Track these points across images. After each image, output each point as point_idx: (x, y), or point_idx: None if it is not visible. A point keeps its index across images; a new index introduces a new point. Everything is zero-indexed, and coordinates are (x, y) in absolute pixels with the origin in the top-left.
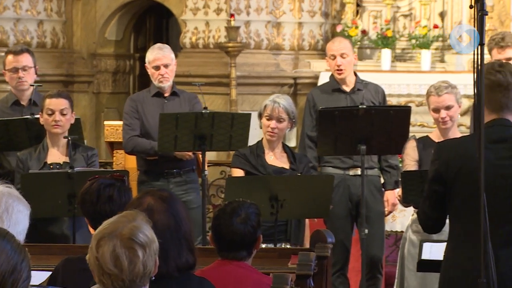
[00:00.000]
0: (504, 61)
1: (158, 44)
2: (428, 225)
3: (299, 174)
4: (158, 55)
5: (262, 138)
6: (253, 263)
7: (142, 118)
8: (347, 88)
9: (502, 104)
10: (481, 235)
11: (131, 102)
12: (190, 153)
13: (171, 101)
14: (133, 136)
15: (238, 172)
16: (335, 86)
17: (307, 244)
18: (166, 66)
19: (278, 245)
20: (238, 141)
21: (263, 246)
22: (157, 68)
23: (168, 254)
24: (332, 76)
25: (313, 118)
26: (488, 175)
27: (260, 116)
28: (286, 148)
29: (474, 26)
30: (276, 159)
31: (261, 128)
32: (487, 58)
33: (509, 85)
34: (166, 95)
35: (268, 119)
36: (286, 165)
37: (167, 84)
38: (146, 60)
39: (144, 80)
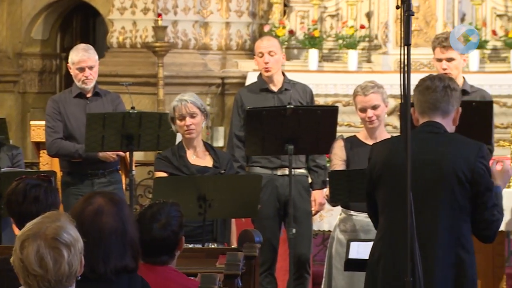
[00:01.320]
0: (445, 61)
1: (82, 45)
2: (373, 222)
3: (223, 172)
4: (84, 57)
5: (182, 140)
6: (180, 264)
7: (64, 120)
8: (274, 88)
9: (431, 104)
10: (408, 234)
11: (53, 104)
12: (114, 156)
13: (93, 102)
14: (56, 139)
15: (161, 175)
16: (263, 85)
17: (234, 242)
18: (90, 68)
19: (205, 245)
20: (166, 141)
21: (191, 246)
22: (81, 69)
23: (109, 257)
24: (260, 76)
25: (241, 117)
26: (413, 175)
27: (172, 120)
28: (207, 146)
29: (401, 27)
30: (198, 158)
31: (177, 132)
32: (413, 58)
33: (436, 87)
34: (88, 95)
35: (181, 119)
36: (209, 164)
37: (90, 86)
38: (70, 60)
39: (70, 79)
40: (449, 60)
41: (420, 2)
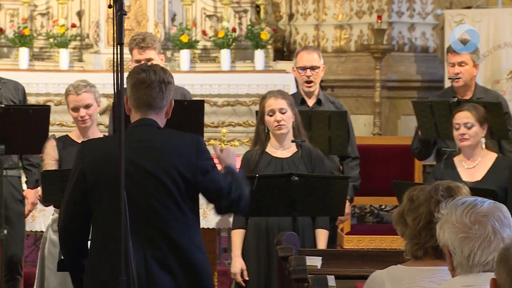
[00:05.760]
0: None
1: None
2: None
3: None
4: None
5: None
6: None
7: None
8: None
9: (145, 102)
10: (122, 234)
11: None
12: None
13: None
14: None
15: None
16: None
17: None
18: None
19: None
20: None
21: None
22: None
23: None
24: None
25: None
26: (131, 175)
27: None
28: None
29: (113, 26)
30: None
31: None
32: (126, 57)
33: (152, 83)
34: None
35: None
36: None
37: None
38: None
39: None
40: (149, 60)
41: (131, 1)
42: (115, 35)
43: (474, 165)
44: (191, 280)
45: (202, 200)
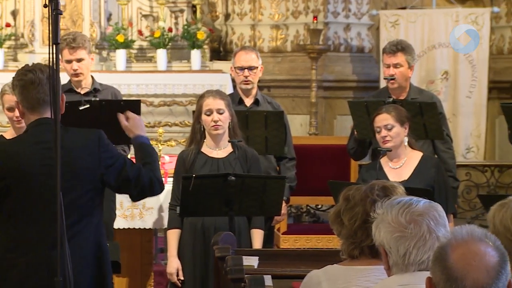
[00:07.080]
0: (75, 62)
1: None
2: None
3: None
4: None
5: None
6: None
7: None
8: None
9: (39, 99)
10: (58, 234)
11: None
12: None
13: None
14: None
15: None
16: None
17: None
18: None
19: None
20: None
21: None
22: None
23: None
24: None
25: None
26: (36, 175)
27: None
28: None
29: (49, 25)
30: None
31: None
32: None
33: (41, 81)
34: None
35: None
36: None
37: None
38: None
39: None
40: (80, 60)
41: (66, 1)
42: (50, 35)
43: (400, 165)
44: (97, 277)
45: (141, 201)
